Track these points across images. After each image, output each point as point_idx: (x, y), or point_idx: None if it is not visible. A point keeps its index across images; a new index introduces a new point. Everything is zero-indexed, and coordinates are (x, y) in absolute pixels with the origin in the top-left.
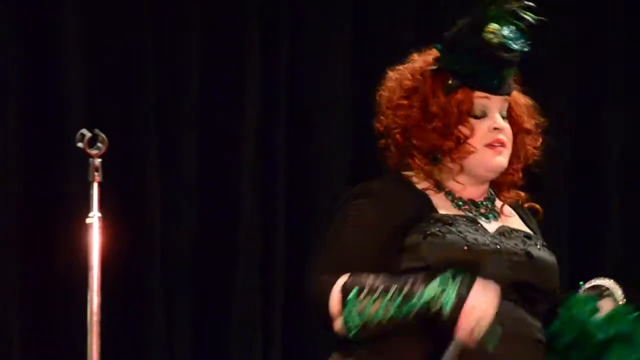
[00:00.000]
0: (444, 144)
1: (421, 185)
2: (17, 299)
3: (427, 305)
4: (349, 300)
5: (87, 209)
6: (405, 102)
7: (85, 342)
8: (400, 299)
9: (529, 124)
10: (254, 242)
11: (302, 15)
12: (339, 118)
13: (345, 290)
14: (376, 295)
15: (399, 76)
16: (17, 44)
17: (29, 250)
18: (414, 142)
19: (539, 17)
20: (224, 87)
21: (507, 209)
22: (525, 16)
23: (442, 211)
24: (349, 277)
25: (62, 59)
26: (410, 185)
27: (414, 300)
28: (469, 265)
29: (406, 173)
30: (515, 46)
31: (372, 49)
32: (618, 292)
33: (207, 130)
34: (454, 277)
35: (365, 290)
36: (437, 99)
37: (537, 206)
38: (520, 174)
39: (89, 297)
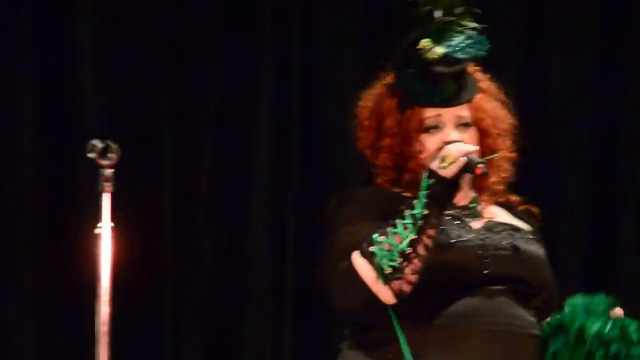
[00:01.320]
0: (396, 161)
1: (405, 193)
2: (29, 308)
3: (426, 199)
4: (375, 250)
5: (99, 219)
6: (367, 122)
7: (95, 352)
8: (407, 217)
9: (494, 127)
10: (265, 253)
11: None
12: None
13: (364, 251)
14: (389, 230)
15: (367, 98)
16: (32, 53)
17: (41, 259)
18: (375, 161)
19: (481, 25)
20: (239, 98)
21: (491, 211)
22: (468, 24)
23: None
24: (355, 246)
25: (76, 68)
26: (391, 192)
27: (416, 209)
28: (451, 265)
29: (387, 185)
30: (458, 55)
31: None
32: None
33: (220, 141)
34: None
35: (379, 235)
36: (391, 118)
37: (534, 209)
38: (493, 177)
39: (97, 308)
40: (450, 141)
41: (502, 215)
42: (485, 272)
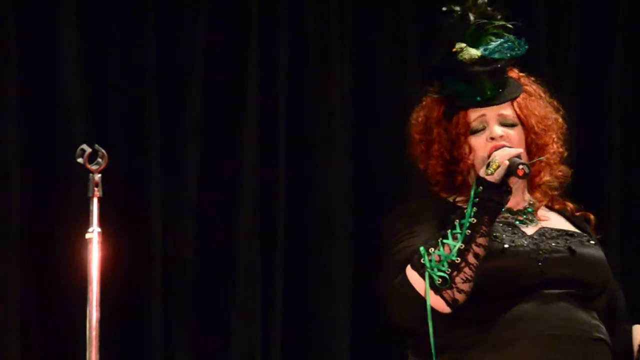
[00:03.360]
0: (448, 167)
1: (460, 201)
2: (17, 312)
3: (475, 207)
4: (424, 262)
5: (88, 224)
6: (417, 136)
7: (85, 356)
8: (457, 227)
9: (540, 124)
10: (254, 256)
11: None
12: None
13: (415, 263)
14: (440, 241)
15: (416, 114)
16: (17, 59)
17: (30, 264)
18: (428, 172)
19: (514, 23)
20: (226, 103)
21: (546, 214)
22: (503, 24)
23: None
24: (409, 259)
25: (62, 74)
26: (446, 201)
27: (466, 217)
28: (505, 270)
29: (443, 194)
30: (494, 55)
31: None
32: None
33: (208, 145)
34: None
35: (430, 246)
36: (439, 126)
37: (589, 215)
38: (546, 175)
39: (88, 312)
40: (498, 146)
41: (557, 221)
42: (542, 274)
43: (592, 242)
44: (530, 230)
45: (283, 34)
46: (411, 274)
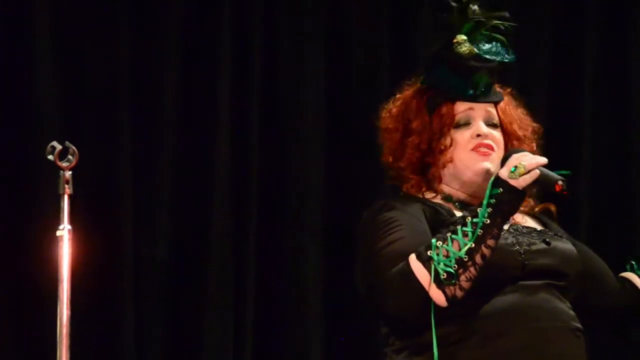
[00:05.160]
0: (423, 158)
1: (431, 198)
2: None
3: (490, 208)
4: (432, 255)
5: (58, 221)
6: (391, 125)
7: (55, 354)
8: (469, 225)
9: (520, 131)
10: (226, 254)
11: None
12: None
13: (421, 255)
14: (449, 236)
15: (390, 106)
16: None
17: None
18: (400, 163)
19: (512, 25)
20: (199, 99)
21: (518, 216)
22: (500, 26)
23: (454, 218)
24: (416, 250)
25: (33, 69)
26: (420, 199)
27: (479, 217)
28: (492, 264)
29: (412, 190)
30: (488, 57)
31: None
32: None
33: (180, 142)
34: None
35: (439, 240)
36: (419, 117)
37: (551, 206)
38: None
39: (58, 310)
40: (516, 149)
41: (526, 220)
42: (525, 265)
43: (560, 235)
44: (505, 226)
45: (257, 31)
46: (415, 265)
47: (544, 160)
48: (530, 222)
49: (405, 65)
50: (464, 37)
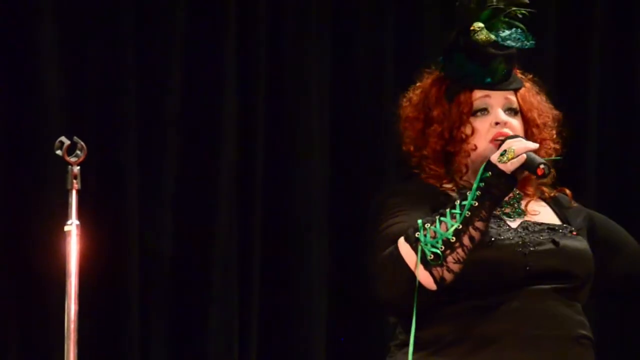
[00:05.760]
0: (446, 147)
1: (445, 187)
2: None
3: (479, 191)
4: (419, 236)
5: (66, 216)
6: (412, 115)
7: (63, 349)
8: (457, 207)
9: (540, 118)
10: (231, 250)
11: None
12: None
13: (409, 236)
14: (437, 218)
15: (411, 94)
16: None
17: (7, 257)
18: (423, 152)
19: (531, 11)
20: (205, 95)
21: (534, 207)
22: (517, 13)
23: None
24: (404, 231)
25: (40, 65)
26: (433, 187)
27: (468, 199)
28: (491, 262)
29: (431, 180)
30: (508, 43)
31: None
32: None
33: (187, 139)
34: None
35: (427, 222)
36: (439, 106)
37: (566, 191)
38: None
39: (66, 305)
40: (504, 134)
41: (543, 215)
42: (528, 267)
43: (574, 232)
44: (514, 223)
45: (262, 30)
46: (403, 246)
47: (534, 145)
48: (546, 216)
49: (410, 67)
50: (480, 24)
